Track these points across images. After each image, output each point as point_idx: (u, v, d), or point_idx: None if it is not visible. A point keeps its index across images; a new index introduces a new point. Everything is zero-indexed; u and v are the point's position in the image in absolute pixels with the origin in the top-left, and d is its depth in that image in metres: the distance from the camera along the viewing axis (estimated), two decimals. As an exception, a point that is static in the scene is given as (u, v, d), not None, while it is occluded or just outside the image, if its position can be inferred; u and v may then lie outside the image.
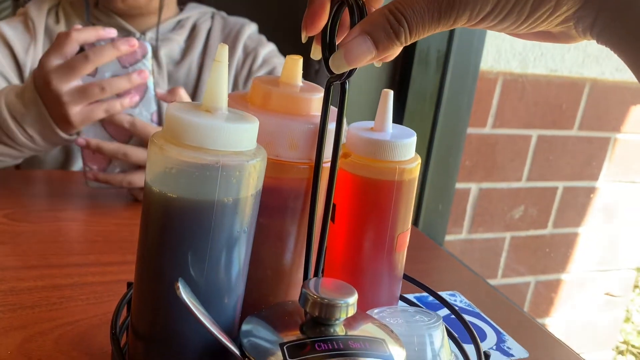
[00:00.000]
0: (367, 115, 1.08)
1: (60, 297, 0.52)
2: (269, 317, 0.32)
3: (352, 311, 0.30)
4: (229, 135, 0.29)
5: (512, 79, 1.21)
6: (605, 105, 1.32)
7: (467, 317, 0.59)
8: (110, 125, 0.69)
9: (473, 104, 1.16)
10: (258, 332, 0.30)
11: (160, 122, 0.74)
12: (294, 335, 0.30)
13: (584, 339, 1.53)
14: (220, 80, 0.30)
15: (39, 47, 0.85)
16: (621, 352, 1.84)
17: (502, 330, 0.57)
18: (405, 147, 0.38)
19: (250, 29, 0.97)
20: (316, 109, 0.35)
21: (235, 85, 0.96)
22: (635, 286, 1.75)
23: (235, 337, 0.31)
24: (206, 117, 0.29)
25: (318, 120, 0.34)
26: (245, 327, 0.31)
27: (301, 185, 0.35)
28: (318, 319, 0.30)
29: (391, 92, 0.39)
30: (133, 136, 0.69)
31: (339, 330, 0.30)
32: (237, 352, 0.29)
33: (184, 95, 0.71)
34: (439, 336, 0.35)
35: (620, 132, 1.36)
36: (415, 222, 1.17)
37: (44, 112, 0.67)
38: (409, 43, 0.29)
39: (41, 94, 0.66)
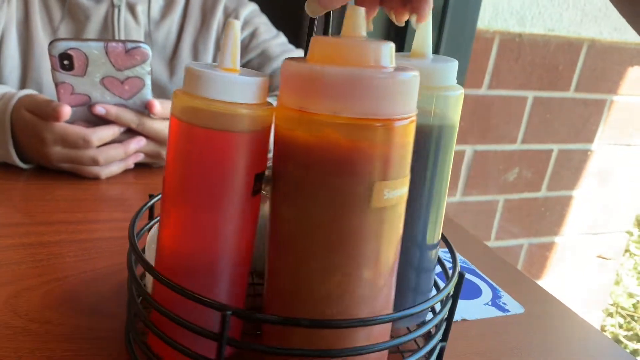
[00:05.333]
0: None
1: (48, 253, 0.51)
2: None
3: None
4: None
5: (509, 38, 1.18)
6: (602, 66, 1.30)
7: (462, 274, 0.58)
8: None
9: (469, 65, 1.14)
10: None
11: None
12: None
13: (575, 301, 1.55)
14: None
15: (13, 5, 0.82)
16: (610, 314, 1.87)
17: (497, 287, 0.56)
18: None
19: None
20: (388, 61, 0.31)
21: (217, 48, 0.92)
22: (626, 250, 1.77)
23: None
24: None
25: (391, 70, 0.31)
26: None
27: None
28: None
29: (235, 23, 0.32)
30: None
31: None
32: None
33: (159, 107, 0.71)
34: None
35: (616, 94, 1.35)
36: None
37: (12, 155, 0.68)
38: None
39: (25, 144, 0.68)
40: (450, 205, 1.29)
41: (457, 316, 0.50)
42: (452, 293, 0.38)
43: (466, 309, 0.51)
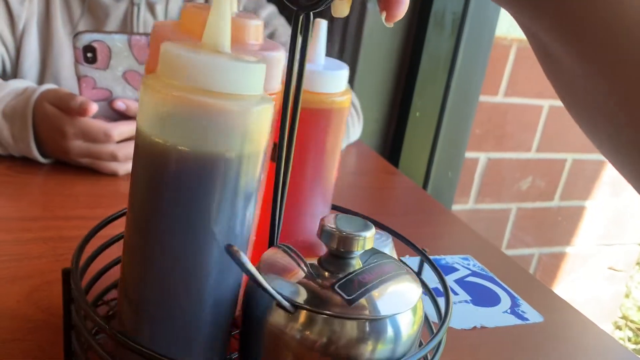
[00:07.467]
0: (379, 74, 1.06)
1: (68, 248, 0.51)
2: (275, 264, 0.31)
3: (369, 244, 0.30)
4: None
5: (527, 46, 1.18)
6: (619, 77, 1.29)
7: (480, 281, 0.58)
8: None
9: (486, 72, 1.14)
10: (282, 284, 0.29)
11: None
12: (320, 275, 0.30)
13: (585, 312, 1.53)
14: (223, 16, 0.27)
15: (35, 0, 0.82)
16: (619, 327, 1.85)
17: (516, 295, 0.56)
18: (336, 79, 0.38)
19: None
20: (253, 38, 0.33)
21: None
22: (637, 262, 1.75)
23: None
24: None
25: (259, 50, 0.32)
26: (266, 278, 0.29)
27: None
28: (337, 253, 0.30)
29: (324, 23, 0.37)
30: None
31: (356, 263, 0.31)
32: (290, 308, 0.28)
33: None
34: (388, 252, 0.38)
35: (632, 105, 1.34)
36: (424, 189, 1.16)
37: (32, 150, 0.67)
38: None
39: (45, 137, 0.67)
40: (463, 213, 1.28)
41: (477, 323, 0.50)
42: None
43: (485, 317, 0.51)
